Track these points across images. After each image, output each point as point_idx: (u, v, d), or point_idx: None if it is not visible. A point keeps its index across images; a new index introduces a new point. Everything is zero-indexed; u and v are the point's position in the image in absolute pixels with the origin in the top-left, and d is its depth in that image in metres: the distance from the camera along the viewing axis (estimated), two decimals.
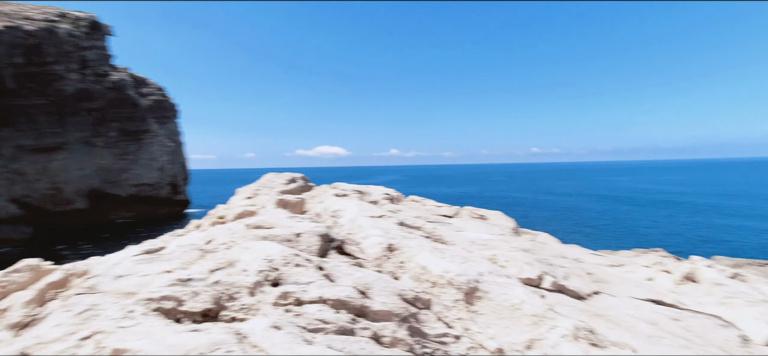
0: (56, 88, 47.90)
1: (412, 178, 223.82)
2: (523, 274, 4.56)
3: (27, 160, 47.47)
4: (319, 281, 2.63)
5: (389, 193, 12.70)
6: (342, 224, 5.13)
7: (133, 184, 55.27)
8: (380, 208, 6.41)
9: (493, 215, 12.91)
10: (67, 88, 48.81)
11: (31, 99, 46.34)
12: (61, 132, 49.17)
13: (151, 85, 65.02)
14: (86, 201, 51.38)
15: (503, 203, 76.48)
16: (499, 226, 10.53)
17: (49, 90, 47.46)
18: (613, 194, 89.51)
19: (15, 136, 46.49)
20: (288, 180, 11.29)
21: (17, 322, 2.38)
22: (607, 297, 5.27)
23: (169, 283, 2.30)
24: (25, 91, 45.82)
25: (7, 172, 46.45)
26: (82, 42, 50.99)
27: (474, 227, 8.22)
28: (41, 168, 48.50)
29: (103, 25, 55.49)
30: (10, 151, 46.32)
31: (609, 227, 47.64)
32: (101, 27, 55.07)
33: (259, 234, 3.37)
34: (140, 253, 3.39)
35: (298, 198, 5.98)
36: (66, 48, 48.14)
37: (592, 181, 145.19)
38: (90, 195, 51.81)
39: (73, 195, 50.27)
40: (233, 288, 2.37)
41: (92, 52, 52.44)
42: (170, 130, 65.63)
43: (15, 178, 47.09)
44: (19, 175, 47.23)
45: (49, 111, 47.99)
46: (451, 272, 3.17)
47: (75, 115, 50.21)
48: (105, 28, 55.93)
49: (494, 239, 6.64)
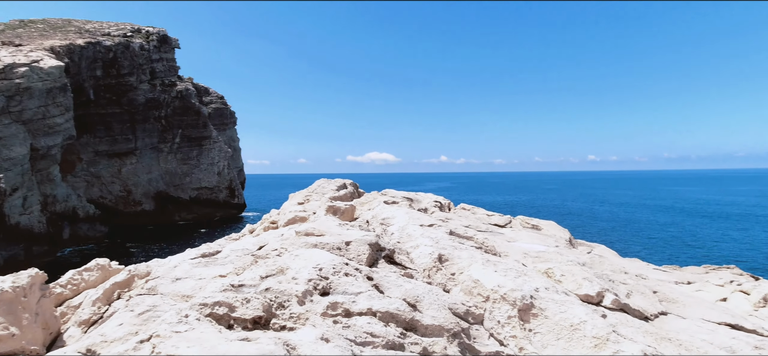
0: (129, 97, 51.81)
1: (462, 185, 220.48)
2: (582, 290, 4.29)
3: (103, 164, 51.67)
4: (368, 292, 2.60)
5: (439, 201, 12.53)
6: (391, 232, 5.08)
7: (194, 188, 58.52)
8: (430, 217, 6.31)
9: (547, 225, 12.37)
10: (139, 98, 52.64)
11: (107, 108, 50.46)
12: (132, 138, 53.07)
13: (212, 93, 68.76)
14: (153, 203, 55.01)
15: (556, 213, 73.39)
16: (553, 237, 10.07)
17: (123, 100, 51.45)
18: (678, 205, 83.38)
19: (93, 142, 50.77)
20: (338, 186, 11.45)
21: (86, 319, 2.52)
22: (675, 319, 4.85)
23: (222, 289, 2.35)
24: (103, 101, 49.97)
25: (86, 175, 50.82)
26: (153, 55, 54.88)
27: (527, 238, 7.90)
28: (115, 171, 52.60)
29: (171, 39, 59.45)
30: (89, 156, 50.65)
31: (673, 240, 44.33)
32: (169, 40, 59.03)
33: (309, 241, 3.39)
34: (197, 257, 3.51)
35: (349, 205, 6.02)
36: (138, 61, 52.02)
37: (654, 191, 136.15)
38: (156, 198, 55.43)
39: (142, 198, 53.98)
40: (283, 296, 2.39)
41: (161, 63, 56.29)
42: (229, 136, 68.98)
43: (93, 181, 51.40)
44: (96, 178, 51.50)
45: (122, 119, 52.00)
46: (505, 286, 3.02)
47: (144, 122, 54.02)
48: (173, 41, 59.90)
49: (548, 251, 6.34)
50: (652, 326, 4.38)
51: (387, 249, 3.67)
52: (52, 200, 38.33)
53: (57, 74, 35.27)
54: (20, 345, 2.20)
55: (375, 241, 3.59)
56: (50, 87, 34.71)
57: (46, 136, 35.00)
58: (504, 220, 11.46)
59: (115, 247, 42.06)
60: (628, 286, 5.26)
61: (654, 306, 4.80)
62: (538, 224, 12.18)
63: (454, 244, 4.36)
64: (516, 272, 3.42)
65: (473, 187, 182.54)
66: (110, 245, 43.13)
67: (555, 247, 7.12)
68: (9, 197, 31.35)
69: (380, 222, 5.52)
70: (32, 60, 34.16)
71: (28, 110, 33.21)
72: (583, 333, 2.79)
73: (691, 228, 52.74)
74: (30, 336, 2.26)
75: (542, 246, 7.13)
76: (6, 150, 31.30)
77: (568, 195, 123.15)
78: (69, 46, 42.25)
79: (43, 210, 35.49)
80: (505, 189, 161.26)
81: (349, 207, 6.01)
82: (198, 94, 63.53)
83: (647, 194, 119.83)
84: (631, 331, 3.63)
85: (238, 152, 72.51)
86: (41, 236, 34.09)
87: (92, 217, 43.19)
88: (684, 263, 30.14)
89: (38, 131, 34.42)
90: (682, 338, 4.22)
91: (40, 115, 34.09)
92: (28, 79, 32.97)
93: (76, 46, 43.05)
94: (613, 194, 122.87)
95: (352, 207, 6.13)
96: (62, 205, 39.21)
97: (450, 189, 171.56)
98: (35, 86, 33.43)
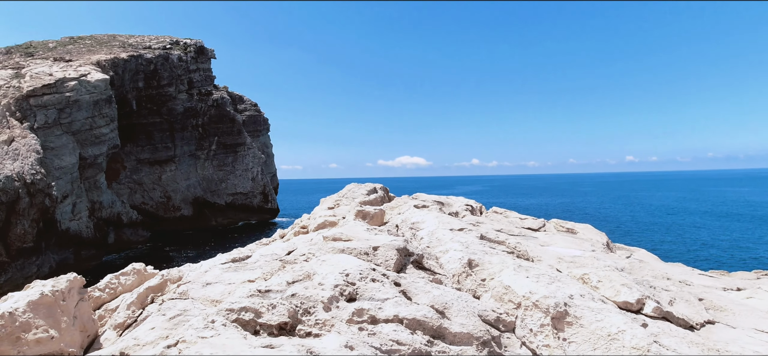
0: (168, 107, 53.97)
1: (494, 188, 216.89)
2: (620, 297, 4.08)
3: (145, 171, 53.99)
4: (395, 298, 2.56)
5: (470, 204, 12.34)
6: (421, 237, 5.02)
7: (229, 193, 60.20)
8: (461, 221, 6.21)
9: (583, 228, 11.96)
10: (177, 107, 54.74)
11: (148, 118, 52.74)
12: (172, 146, 55.18)
13: (246, 101, 70.66)
14: (191, 209, 56.96)
15: (593, 216, 70.95)
16: (589, 241, 9.72)
17: (162, 109, 53.64)
18: (725, 206, 78.92)
19: (136, 150, 53.15)
20: (369, 190, 11.47)
21: (121, 323, 2.60)
22: (724, 329, 4.54)
23: (249, 294, 2.37)
24: (145, 112, 52.28)
25: (130, 182, 53.24)
26: (190, 65, 57.01)
27: (561, 242, 7.65)
28: (156, 178, 54.83)
29: (207, 50, 61.59)
30: (132, 164, 53.04)
31: (720, 244, 41.93)
32: (206, 51, 61.16)
33: (336, 246, 3.39)
34: (228, 262, 3.57)
35: (378, 210, 6.00)
36: (177, 71, 54.14)
37: (698, 192, 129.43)
38: (194, 203, 57.37)
39: (180, 203, 56.00)
40: (309, 302, 2.38)
41: (198, 74, 58.38)
42: (262, 142, 70.65)
43: (135, 188, 53.78)
44: (138, 185, 53.86)
45: (162, 128, 54.20)
46: (538, 293, 2.91)
47: (183, 130, 56.10)
48: (209, 52, 62.03)
49: (585, 256, 6.10)
50: (698, 336, 4.12)
51: (415, 254, 3.61)
52: (99, 206, 40.34)
53: (103, 87, 37.16)
54: (59, 347, 2.30)
55: (403, 246, 3.55)
56: (97, 99, 36.60)
57: (93, 146, 36.89)
58: (537, 224, 11.16)
59: (156, 251, 43.79)
60: (670, 293, 4.99)
61: (700, 314, 4.53)
62: (574, 227, 11.79)
63: (484, 249, 4.25)
64: (549, 278, 3.29)
65: (506, 190, 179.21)
66: (152, 249, 44.96)
67: (591, 252, 6.86)
68: (60, 204, 33.21)
69: (409, 227, 5.46)
70: (81, 74, 36.14)
71: (77, 121, 35.11)
72: (621, 343, 2.64)
73: (740, 231, 49.78)
74: (68, 339, 2.36)
75: (578, 250, 6.88)
76: (57, 159, 33.19)
77: (606, 197, 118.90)
78: (114, 59, 44.45)
79: (91, 216, 37.37)
80: (539, 192, 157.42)
81: (378, 211, 5.99)
82: (232, 102, 65.44)
83: (691, 195, 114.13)
84: (674, 342, 3.42)
85: (272, 158, 74.11)
86: (89, 241, 35.89)
87: (135, 222, 45.14)
88: (733, 268, 28.44)
89: (86, 141, 36.33)
90: (731, 349, 3.95)
91: (87, 126, 35.98)
92: (77, 92, 34.88)
93: (120, 60, 45.25)
94: (654, 196, 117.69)
95: (382, 211, 6.11)
96: (108, 211, 41.19)
97: (482, 192, 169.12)
98: (83, 99, 35.32)
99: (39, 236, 30.50)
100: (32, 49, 43.99)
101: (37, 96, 32.37)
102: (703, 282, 7.63)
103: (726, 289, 7.32)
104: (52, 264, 31.97)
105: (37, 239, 30.26)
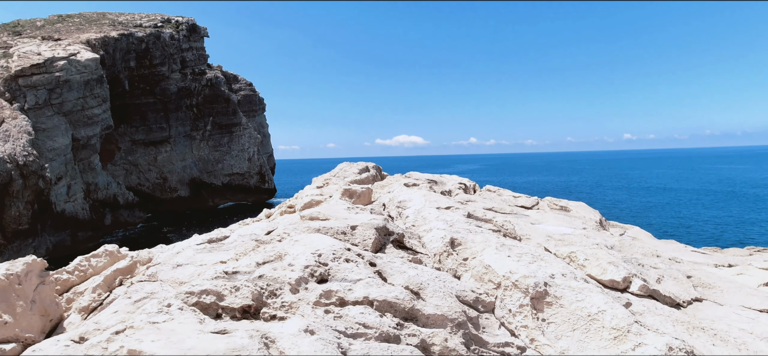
0: (162, 87, 53.29)
1: (491, 167, 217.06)
2: (607, 276, 4.02)
3: (140, 152, 53.62)
4: (368, 279, 2.47)
5: (464, 183, 12.26)
6: (406, 215, 4.93)
7: (226, 174, 60.00)
8: (450, 199, 6.12)
9: (576, 206, 11.91)
10: (171, 87, 54.07)
11: (142, 98, 52.12)
12: (166, 127, 54.71)
13: (241, 81, 69.85)
14: (188, 190, 56.82)
15: (590, 194, 71.22)
16: (581, 219, 9.68)
17: (156, 89, 52.98)
18: (721, 185, 79.28)
19: (130, 131, 52.68)
20: (361, 169, 11.35)
21: (86, 306, 2.52)
22: (711, 306, 4.50)
23: (214, 276, 2.27)
24: (138, 92, 51.63)
25: (125, 164, 52.93)
26: (183, 44, 56.09)
27: (552, 220, 7.59)
28: (152, 159, 54.50)
29: (200, 28, 60.52)
30: (126, 145, 52.65)
31: (715, 221, 42.20)
32: (198, 29, 60.11)
33: (312, 226, 3.28)
34: (204, 242, 3.48)
35: (365, 188, 5.89)
36: (169, 50, 53.28)
37: (695, 170, 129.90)
38: (191, 184, 57.20)
39: (177, 184, 55.83)
40: (276, 284, 2.29)
41: (191, 53, 57.50)
42: (258, 122, 70.12)
43: (131, 169, 53.49)
44: (134, 166, 53.56)
45: (156, 108, 53.62)
46: (517, 273, 2.82)
47: (177, 111, 55.54)
48: (201, 30, 60.97)
49: (574, 233, 6.04)
50: (684, 314, 4.08)
51: (395, 233, 3.51)
52: (94, 188, 40.15)
53: (93, 66, 36.57)
54: (13, 332, 2.21)
55: (382, 225, 3.45)
56: (87, 79, 36.06)
57: (85, 127, 36.51)
58: (531, 202, 11.10)
59: (153, 232, 43.82)
60: (659, 270, 4.94)
61: (687, 291, 4.48)
62: (567, 205, 11.75)
63: (469, 228, 4.17)
64: (531, 256, 3.20)
65: (503, 169, 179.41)
66: (149, 229, 44.98)
67: (582, 230, 6.81)
68: (54, 186, 33.02)
69: (396, 206, 5.37)
70: (70, 53, 35.52)
71: (68, 102, 34.65)
72: (601, 324, 2.57)
73: (735, 208, 50.08)
74: (24, 324, 2.27)
75: (568, 228, 6.82)
76: (49, 140, 32.86)
77: (603, 175, 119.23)
78: (104, 38, 43.67)
79: (86, 198, 37.23)
80: (536, 171, 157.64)
81: (365, 190, 5.88)
82: (227, 81, 64.64)
83: (688, 173, 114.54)
84: (658, 321, 3.36)
85: (268, 138, 73.69)
86: (85, 222, 35.83)
87: (131, 204, 45.05)
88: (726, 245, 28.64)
89: (78, 122, 35.93)
90: (717, 327, 3.91)
91: (79, 106, 35.53)
92: (67, 72, 34.32)
93: (110, 39, 44.46)
94: (652, 174, 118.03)
95: (369, 190, 6.00)
96: (104, 193, 41.03)
97: (480, 170, 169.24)
98: (74, 79, 34.79)
99: (34, 218, 30.40)
100: (20, 28, 43.14)
101: (25, 76, 31.85)
102: (694, 259, 7.61)
103: (717, 266, 7.30)
104: (48, 246, 31.97)
105: (32, 221, 30.17)
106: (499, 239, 3.73)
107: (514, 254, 3.16)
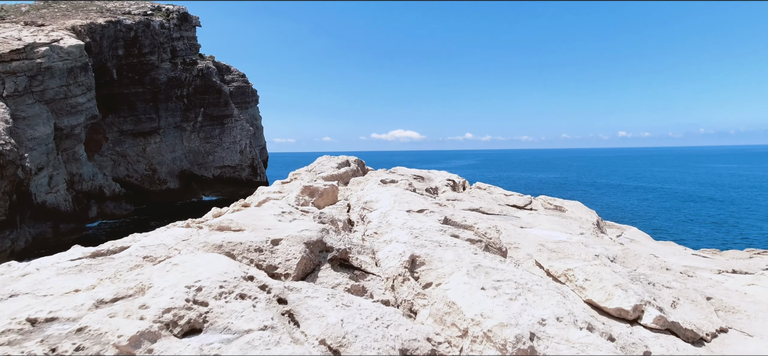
0: (151, 76, 52.03)
1: (487, 162, 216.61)
2: (613, 303, 3.20)
3: (128, 143, 52.42)
4: (263, 330, 1.62)
5: (452, 179, 11.38)
6: (370, 220, 4.06)
7: (217, 166, 58.91)
8: (426, 200, 5.26)
9: (572, 206, 11.11)
10: (161, 77, 52.82)
11: (130, 88, 50.85)
12: (156, 117, 53.50)
13: (233, 72, 68.55)
14: (178, 182, 55.71)
15: (585, 192, 70.66)
16: (577, 221, 8.85)
17: (145, 79, 51.71)
18: (715, 185, 78.98)
19: (118, 121, 51.45)
20: (340, 163, 10.46)
21: None
22: (739, 338, 3.68)
23: (5, 328, 1.42)
24: (126, 81, 50.35)
25: (113, 154, 51.72)
26: (173, 33, 54.77)
27: (546, 223, 6.75)
28: (140, 150, 53.33)
29: (191, 17, 59.17)
30: (114, 136, 51.43)
31: (711, 221, 41.63)
32: (190, 18, 58.75)
33: (213, 241, 2.42)
34: (84, 256, 2.59)
35: (329, 186, 5.03)
36: (159, 39, 51.97)
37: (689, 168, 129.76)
38: (181, 176, 56.08)
39: (166, 176, 54.70)
40: (100, 342, 1.44)
41: (181, 42, 56.18)
42: (251, 114, 68.93)
43: (119, 160, 52.30)
44: (122, 157, 52.37)
45: (145, 98, 52.37)
46: (493, 317, 1.98)
47: (167, 101, 54.32)
48: (193, 19, 59.61)
49: (571, 241, 5.20)
50: (708, 351, 3.26)
51: (337, 248, 2.67)
52: (79, 179, 39.05)
53: (77, 53, 35.37)
54: None
55: (317, 238, 2.60)
56: (71, 66, 34.87)
57: (68, 116, 35.36)
58: (523, 201, 10.26)
59: (141, 225, 42.81)
60: (673, 291, 4.11)
61: (710, 319, 3.65)
62: (562, 205, 10.91)
63: (441, 239, 3.32)
64: (514, 286, 2.36)
65: (499, 165, 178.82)
66: (136, 222, 43.94)
67: (579, 236, 5.97)
68: (35, 176, 31.92)
69: (362, 207, 4.51)
70: (52, 39, 34.30)
71: (50, 90, 33.48)
72: None
73: (731, 208, 49.57)
74: None
75: (563, 233, 5.98)
76: (30, 129, 31.74)
77: (599, 173, 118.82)
78: (90, 25, 42.37)
79: (70, 189, 36.14)
80: (531, 167, 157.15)
81: (329, 188, 5.02)
82: (219, 72, 63.38)
83: (684, 172, 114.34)
84: None
85: (261, 130, 72.52)
86: (68, 214, 34.77)
87: (118, 196, 43.97)
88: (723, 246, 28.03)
89: (61, 111, 34.77)
90: None
91: (62, 95, 34.37)
92: (49, 58, 33.14)
93: (96, 25, 43.16)
94: (647, 171, 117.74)
95: (334, 188, 5.14)
96: (89, 184, 39.93)
97: (475, 166, 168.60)
98: (56, 66, 33.60)
99: (12, 209, 29.33)
100: (3, 13, 41.79)
101: (4, 62, 30.66)
102: (696, 263, 6.80)
103: (720, 271, 6.49)
104: (27, 239, 30.93)
105: (10, 212, 29.10)
106: (475, 257, 2.87)
107: (491, 283, 2.30)
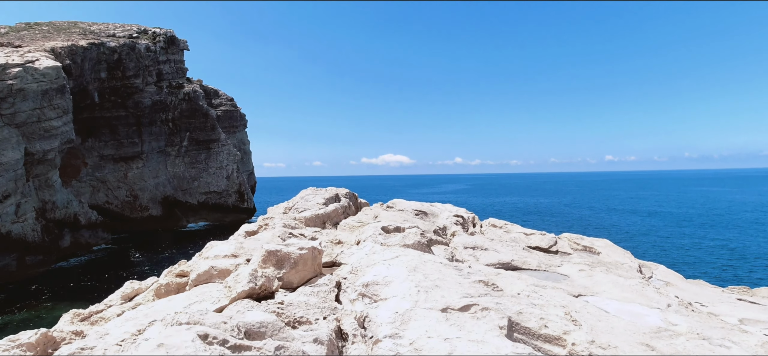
0: (135, 100, 50.23)
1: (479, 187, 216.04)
2: None
3: (109, 168, 50.16)
4: None
5: (461, 215, 9.67)
6: (380, 324, 2.40)
7: (202, 192, 56.71)
8: (460, 273, 3.57)
9: (602, 246, 9.50)
10: (145, 100, 51.03)
11: (112, 111, 48.94)
12: (139, 142, 51.46)
13: (222, 96, 67.02)
14: (160, 208, 53.32)
15: (584, 219, 69.56)
16: (619, 267, 7.24)
17: (128, 102, 49.88)
18: (710, 208, 78.48)
19: (98, 146, 49.29)
20: (327, 198, 8.72)
21: None
22: None
23: None
24: (108, 104, 48.45)
25: (92, 180, 49.34)
26: (160, 56, 53.27)
27: (608, 285, 5.06)
28: (121, 176, 51.05)
29: (179, 40, 57.82)
30: (94, 161, 49.18)
31: (719, 250, 40.37)
32: (177, 42, 57.40)
33: None
34: None
35: (306, 251, 3.29)
36: (144, 62, 50.39)
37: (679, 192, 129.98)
38: (163, 202, 53.73)
39: (148, 202, 52.32)
40: None
41: (168, 65, 54.65)
42: (239, 139, 67.15)
43: (98, 186, 49.90)
44: (102, 182, 50.01)
45: (128, 122, 50.43)
46: None
47: (151, 125, 52.40)
48: (181, 42, 58.26)
49: (674, 329, 3.53)
50: None
51: None
52: (52, 206, 36.64)
53: (53, 75, 33.56)
54: None
55: None
56: (46, 88, 33.00)
57: (41, 140, 33.29)
58: (547, 241, 8.61)
59: (119, 255, 40.29)
60: None
61: None
62: (592, 245, 9.29)
63: None
64: None
65: (490, 189, 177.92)
66: (115, 252, 41.39)
67: (666, 308, 4.29)
68: (0, 204, 29.64)
69: (360, 293, 2.83)
70: (27, 60, 32.51)
71: (22, 113, 31.51)
72: None
73: (734, 234, 48.49)
74: None
75: (642, 307, 4.30)
76: None
77: (593, 197, 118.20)
78: (71, 47, 40.70)
79: (39, 218, 33.77)
80: (524, 191, 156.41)
81: (306, 253, 3.27)
82: (207, 96, 61.80)
83: (675, 196, 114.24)
84: None
85: (249, 155, 70.66)
86: (35, 245, 32.34)
87: (94, 224, 41.48)
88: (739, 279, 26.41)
89: (33, 135, 32.72)
90: None
91: (34, 118, 32.38)
92: (22, 80, 31.27)
93: (78, 47, 41.50)
94: (638, 195, 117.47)
95: (315, 252, 3.39)
96: (62, 212, 37.51)
97: (468, 191, 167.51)
98: (29, 88, 31.72)
99: None
100: None
101: None
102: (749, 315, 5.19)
103: None
104: None
105: None
106: None
107: None
